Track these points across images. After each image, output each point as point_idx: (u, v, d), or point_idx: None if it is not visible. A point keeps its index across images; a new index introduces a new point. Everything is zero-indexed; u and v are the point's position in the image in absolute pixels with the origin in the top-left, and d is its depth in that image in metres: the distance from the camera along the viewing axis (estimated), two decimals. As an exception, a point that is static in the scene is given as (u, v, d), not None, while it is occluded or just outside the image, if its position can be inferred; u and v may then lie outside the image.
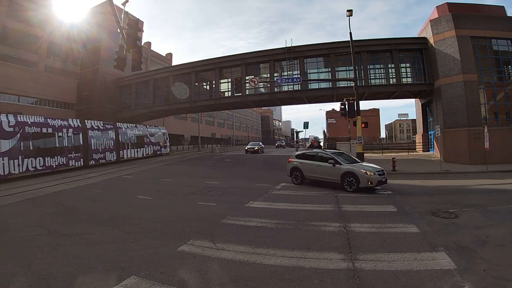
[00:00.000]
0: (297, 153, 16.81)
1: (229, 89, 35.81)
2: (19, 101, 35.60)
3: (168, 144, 40.78)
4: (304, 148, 38.03)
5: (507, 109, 25.85)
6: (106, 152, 27.58)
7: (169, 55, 66.83)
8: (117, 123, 30.35)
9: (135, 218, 8.81)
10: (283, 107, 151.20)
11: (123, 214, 9.43)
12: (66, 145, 22.80)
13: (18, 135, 19.14)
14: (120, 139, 29.72)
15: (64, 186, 15.50)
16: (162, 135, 38.88)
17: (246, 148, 44.37)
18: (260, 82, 29.63)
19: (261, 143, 47.64)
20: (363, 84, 29.41)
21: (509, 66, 26.77)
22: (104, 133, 27.63)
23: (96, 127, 26.60)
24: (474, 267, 5.21)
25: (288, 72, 32.24)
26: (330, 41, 31.10)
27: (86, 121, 25.77)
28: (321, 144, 36.58)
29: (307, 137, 54.74)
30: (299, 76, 28.92)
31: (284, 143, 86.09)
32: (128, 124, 32.28)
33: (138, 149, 32.95)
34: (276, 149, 67.15)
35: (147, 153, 34.47)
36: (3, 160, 17.93)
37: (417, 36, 31.11)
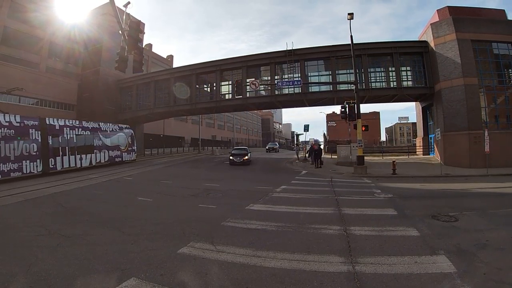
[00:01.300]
0: None
1: (230, 92, 35.83)
2: (19, 101, 35.69)
3: (135, 148, 33.14)
4: (305, 151, 37.93)
5: (507, 113, 25.88)
6: (24, 161, 19.29)
7: (170, 57, 67.03)
8: (46, 119, 22.27)
9: (135, 220, 8.79)
10: (284, 110, 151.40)
11: (123, 215, 9.43)
12: None
13: None
14: (50, 142, 21.64)
15: (64, 187, 15.49)
16: (125, 137, 31.43)
17: (229, 157, 30.76)
18: (260, 84, 29.70)
19: (248, 149, 35.29)
20: (364, 87, 29.43)
21: (510, 70, 26.81)
22: (21, 132, 19.37)
23: (7, 124, 18.41)
24: (474, 270, 5.21)
25: (289, 75, 32.24)
26: (331, 44, 31.16)
27: None
28: (322, 147, 36.58)
29: (308, 140, 54.50)
30: (299, 79, 28.98)
31: (278, 145, 71.07)
32: (67, 120, 24.43)
33: (83, 156, 24.70)
34: (268, 153, 56.54)
35: (98, 160, 26.57)
36: None
37: (417, 39, 31.15)
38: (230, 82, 35.82)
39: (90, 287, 4.68)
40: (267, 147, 63.25)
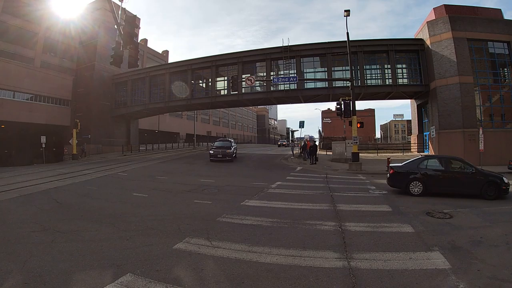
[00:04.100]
0: None
1: (225, 87, 35.72)
2: (14, 96, 35.36)
3: None
4: (299, 147, 37.92)
5: (502, 112, 26.06)
6: None
7: (166, 52, 66.77)
8: None
9: (130, 216, 8.77)
10: (279, 106, 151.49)
11: (119, 211, 9.40)
12: None
13: None
14: None
15: (59, 182, 15.42)
16: None
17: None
18: (256, 80, 29.59)
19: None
20: (359, 84, 29.45)
21: (505, 69, 26.98)
22: None
23: None
24: (468, 267, 5.25)
25: (285, 71, 32.21)
26: (327, 41, 31.17)
27: None
28: (317, 143, 36.58)
29: (303, 136, 54.40)
30: (295, 75, 28.92)
31: (233, 144, 32.05)
32: None
33: None
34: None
35: None
36: None
37: (414, 37, 31.20)
38: (225, 78, 35.66)
39: (85, 283, 4.66)
40: (210, 151, 29.01)
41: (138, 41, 42.66)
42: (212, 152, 27.75)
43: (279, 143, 78.94)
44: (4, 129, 34.94)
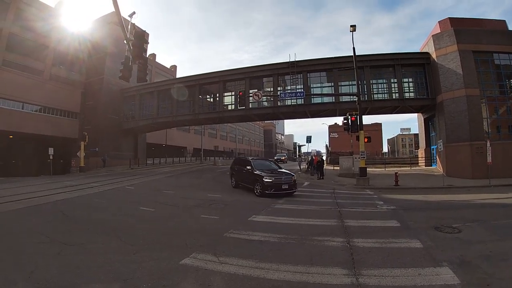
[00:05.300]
0: None
1: (233, 102, 36.01)
2: (23, 108, 35.95)
3: None
4: (306, 162, 37.77)
5: (509, 123, 25.89)
6: None
7: (174, 67, 67.56)
8: None
9: (137, 229, 8.77)
10: (286, 121, 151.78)
11: (126, 225, 9.41)
12: None
13: None
14: None
15: (66, 195, 15.51)
16: None
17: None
18: (263, 96, 29.75)
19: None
20: (366, 98, 29.51)
21: (511, 80, 26.87)
22: None
23: None
24: (478, 282, 5.16)
25: (292, 86, 32.40)
26: (333, 56, 31.42)
27: None
28: (324, 158, 36.46)
29: (310, 151, 54.29)
30: (302, 90, 29.04)
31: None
32: None
33: None
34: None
35: None
36: None
37: (419, 51, 31.30)
38: (233, 93, 36.00)
39: (92, 297, 4.66)
40: (265, 177, 16.15)
41: (147, 56, 43.23)
42: (269, 180, 15.94)
43: (275, 157, 62.07)
44: (12, 140, 35.37)
